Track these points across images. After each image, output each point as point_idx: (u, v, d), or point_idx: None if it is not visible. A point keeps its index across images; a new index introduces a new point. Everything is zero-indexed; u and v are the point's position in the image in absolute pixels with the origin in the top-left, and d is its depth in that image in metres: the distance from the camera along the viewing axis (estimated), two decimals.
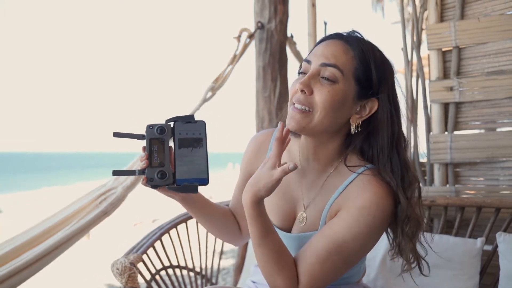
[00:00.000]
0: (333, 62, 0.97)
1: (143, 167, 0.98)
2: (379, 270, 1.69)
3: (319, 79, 0.98)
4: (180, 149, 0.99)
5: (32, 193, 18.88)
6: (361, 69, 0.98)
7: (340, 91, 0.97)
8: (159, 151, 0.99)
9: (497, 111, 2.03)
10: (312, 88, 0.98)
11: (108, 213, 1.96)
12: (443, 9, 2.20)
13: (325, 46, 1.01)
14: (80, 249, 5.78)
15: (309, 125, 0.98)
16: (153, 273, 1.59)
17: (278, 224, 1.15)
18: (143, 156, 0.99)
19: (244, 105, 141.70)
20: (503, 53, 2.01)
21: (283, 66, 2.92)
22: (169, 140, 1.01)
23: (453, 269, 1.64)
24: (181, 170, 0.98)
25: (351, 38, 1.01)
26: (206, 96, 2.57)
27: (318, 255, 0.96)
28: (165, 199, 1.18)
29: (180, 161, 0.99)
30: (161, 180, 0.97)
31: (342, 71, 0.97)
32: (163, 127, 1.00)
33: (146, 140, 0.99)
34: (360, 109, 1.01)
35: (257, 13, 2.91)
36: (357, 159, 1.04)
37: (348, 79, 0.98)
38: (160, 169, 0.98)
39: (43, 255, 1.71)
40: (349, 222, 0.96)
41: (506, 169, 2.01)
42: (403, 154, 1.01)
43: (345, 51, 0.98)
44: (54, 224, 1.84)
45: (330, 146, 1.04)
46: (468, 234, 1.79)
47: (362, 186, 0.99)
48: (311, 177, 1.10)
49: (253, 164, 1.21)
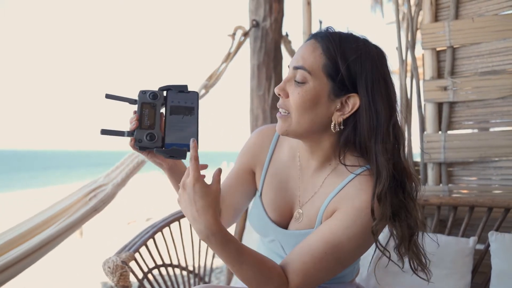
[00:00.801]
0: (301, 64, 0.97)
1: (132, 128, 0.96)
2: (372, 269, 1.69)
3: (293, 82, 0.99)
4: (171, 116, 0.99)
5: (28, 192, 18.71)
6: (329, 65, 0.96)
7: (310, 91, 0.96)
8: (150, 115, 0.98)
9: (490, 111, 2.04)
10: (287, 91, 1.00)
11: (98, 210, 1.94)
12: (437, 9, 2.20)
13: (299, 49, 1.01)
14: (73, 247, 5.76)
15: (290, 128, 1.00)
16: (146, 271, 1.58)
17: (275, 220, 1.14)
18: (133, 118, 0.97)
19: (238, 103, 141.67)
20: (497, 53, 2.02)
21: (278, 65, 2.91)
22: (160, 106, 1.00)
23: (445, 268, 1.65)
24: (170, 134, 0.97)
25: (322, 35, 0.99)
26: (199, 93, 2.56)
27: (313, 255, 0.95)
28: (159, 198, 1.17)
29: (170, 126, 0.98)
30: (149, 142, 0.96)
31: (310, 71, 0.96)
32: (156, 93, 0.99)
33: (138, 104, 0.98)
34: (341, 106, 0.98)
35: (252, 11, 2.90)
36: (354, 157, 1.02)
37: (318, 77, 0.96)
38: (150, 131, 0.97)
39: (31, 252, 1.69)
40: (345, 222, 0.95)
41: (499, 168, 2.02)
42: (388, 152, 0.94)
43: (313, 50, 0.98)
44: (43, 220, 1.82)
45: (324, 144, 1.04)
46: (461, 233, 1.80)
47: (359, 187, 0.98)
48: (309, 174, 1.10)
49: (253, 157, 1.20)
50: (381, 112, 0.95)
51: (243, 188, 1.21)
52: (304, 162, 1.11)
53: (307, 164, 1.10)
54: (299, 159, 1.13)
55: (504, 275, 1.56)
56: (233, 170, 1.24)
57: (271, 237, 1.16)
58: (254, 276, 0.93)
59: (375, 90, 0.95)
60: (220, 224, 0.89)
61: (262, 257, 0.96)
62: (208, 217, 0.87)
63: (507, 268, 1.57)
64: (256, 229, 1.21)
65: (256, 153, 1.20)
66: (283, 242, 1.12)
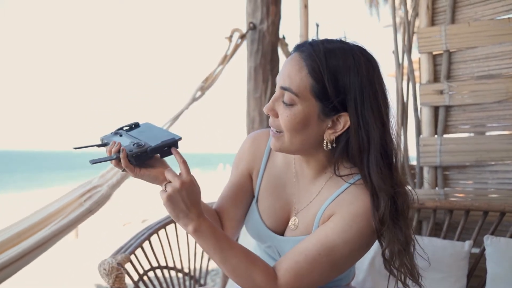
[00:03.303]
0: (288, 86, 0.94)
1: (117, 148, 0.95)
2: (368, 272, 1.69)
3: (281, 102, 0.97)
4: (136, 133, 1.03)
5: (22, 194, 18.50)
6: (316, 87, 0.92)
7: (299, 113, 0.94)
8: (123, 138, 1.00)
9: (486, 115, 2.05)
10: (276, 110, 0.98)
11: (93, 211, 1.93)
12: (434, 13, 2.21)
13: (286, 63, 0.98)
14: (68, 249, 5.74)
15: (283, 146, 0.99)
16: (141, 273, 1.58)
17: (271, 227, 1.13)
18: (111, 145, 0.96)
19: (235, 106, 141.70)
20: (493, 57, 2.03)
21: (275, 67, 2.92)
22: (126, 134, 1.03)
23: (441, 272, 1.65)
24: (149, 140, 0.98)
25: (306, 51, 0.95)
26: (195, 95, 2.56)
27: (307, 255, 0.95)
28: (155, 199, 1.17)
29: (142, 136, 1.00)
30: (139, 148, 0.95)
31: (297, 93, 0.93)
32: (114, 131, 1.05)
33: (107, 139, 1.01)
34: (332, 124, 0.96)
35: (249, 13, 2.91)
36: (347, 168, 1.01)
37: (306, 98, 0.93)
38: (134, 142, 0.96)
39: (26, 253, 1.68)
40: (341, 226, 0.95)
41: (494, 172, 2.02)
42: (375, 172, 0.93)
43: (299, 70, 0.94)
44: (37, 222, 1.81)
45: (318, 157, 1.03)
46: (456, 237, 1.80)
47: (356, 194, 0.98)
48: (305, 182, 1.09)
49: (249, 162, 1.19)
50: (372, 130, 0.93)
51: (245, 196, 1.19)
52: (299, 169, 1.11)
53: (302, 172, 1.10)
54: (294, 166, 1.12)
55: (499, 279, 1.57)
56: (231, 180, 1.22)
57: (267, 243, 1.16)
58: (239, 264, 0.94)
59: (365, 108, 0.92)
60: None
61: (248, 250, 0.98)
62: (200, 208, 0.93)
63: (502, 272, 1.57)
64: (252, 236, 1.20)
65: (251, 158, 1.19)
66: (280, 248, 1.12)
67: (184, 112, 2.46)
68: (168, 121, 2.38)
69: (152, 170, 0.98)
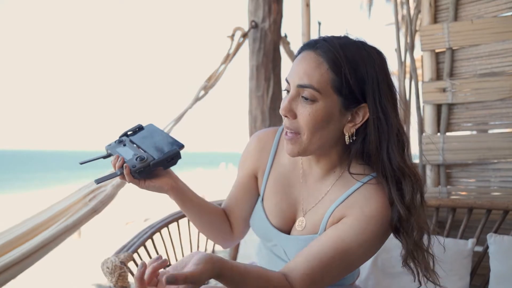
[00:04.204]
0: (308, 83, 0.93)
1: (120, 164, 0.97)
2: (371, 270, 1.69)
3: (300, 99, 0.95)
4: (140, 139, 1.04)
5: (26, 194, 18.51)
6: (338, 81, 0.92)
7: (322, 109, 0.93)
8: (126, 150, 1.02)
9: (489, 113, 2.04)
10: (295, 111, 0.96)
11: (98, 211, 1.92)
12: (436, 11, 2.20)
13: (300, 62, 0.96)
14: (71, 248, 5.75)
15: (301, 148, 0.97)
16: None
17: (277, 225, 1.13)
18: (114, 159, 0.99)
19: (237, 104, 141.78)
20: (496, 55, 2.02)
21: (277, 66, 2.92)
22: (129, 142, 1.05)
23: (444, 270, 1.64)
24: (151, 150, 1.00)
25: (322, 47, 0.94)
26: (198, 94, 2.55)
27: (321, 260, 0.93)
28: (156, 198, 1.17)
29: (146, 145, 1.02)
30: (142, 162, 0.96)
31: (319, 89, 0.92)
32: (119, 138, 1.06)
33: (111, 151, 1.03)
34: (352, 117, 0.96)
35: (251, 12, 2.91)
36: (359, 165, 1.01)
37: (328, 94, 0.93)
38: (136, 156, 0.98)
39: (31, 253, 1.68)
40: (356, 229, 0.95)
41: (497, 170, 2.02)
42: (398, 159, 0.94)
43: (318, 66, 0.93)
44: (41, 221, 1.81)
45: (331, 154, 1.03)
46: (459, 235, 1.80)
47: (369, 195, 0.97)
48: (313, 181, 1.09)
49: (254, 162, 1.18)
50: (390, 117, 0.95)
51: (251, 196, 1.19)
52: (307, 168, 1.10)
53: (311, 171, 1.09)
54: (301, 165, 1.11)
55: (502, 277, 1.56)
56: (237, 180, 1.22)
57: (273, 242, 1.15)
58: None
59: (382, 97, 0.94)
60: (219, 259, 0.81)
61: (260, 269, 0.90)
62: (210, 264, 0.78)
63: (505, 270, 1.57)
64: (258, 234, 1.19)
65: (257, 157, 1.18)
66: (286, 247, 1.11)
67: (187, 111, 2.46)
68: (172, 121, 2.37)
69: (156, 181, 1.00)
